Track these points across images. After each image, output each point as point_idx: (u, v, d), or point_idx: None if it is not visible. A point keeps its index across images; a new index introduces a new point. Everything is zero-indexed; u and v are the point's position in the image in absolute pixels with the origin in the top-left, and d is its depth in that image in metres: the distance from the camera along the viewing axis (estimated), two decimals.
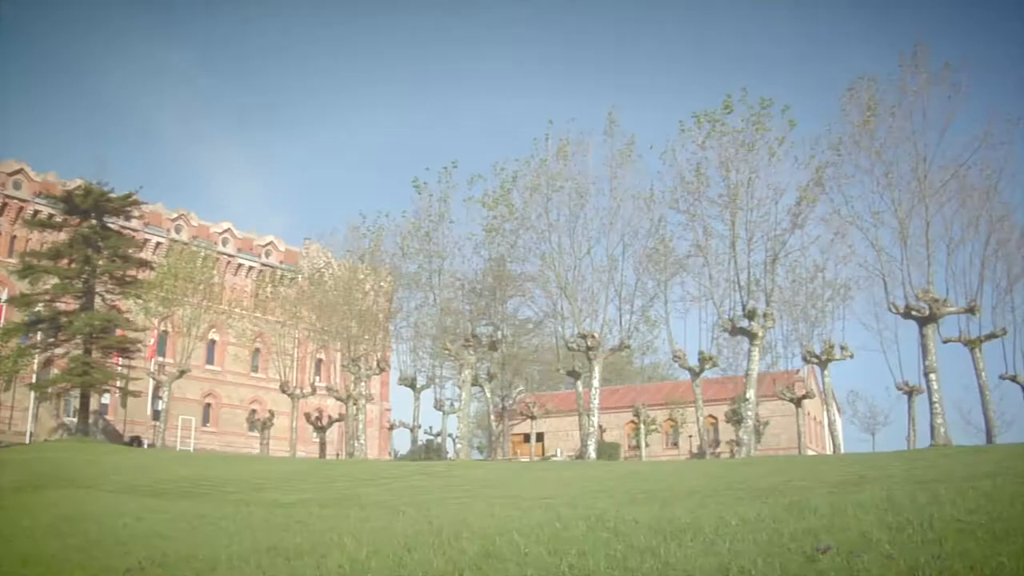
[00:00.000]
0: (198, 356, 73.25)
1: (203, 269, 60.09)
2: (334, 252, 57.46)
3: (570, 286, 39.08)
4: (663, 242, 39.45)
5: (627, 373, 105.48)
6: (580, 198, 39.05)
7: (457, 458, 41.90)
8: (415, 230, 47.10)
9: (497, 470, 27.12)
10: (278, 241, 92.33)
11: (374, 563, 9.83)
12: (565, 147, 39.50)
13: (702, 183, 36.46)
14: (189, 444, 70.27)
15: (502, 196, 41.71)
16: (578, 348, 39.21)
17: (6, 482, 27.59)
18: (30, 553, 13.24)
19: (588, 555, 9.06)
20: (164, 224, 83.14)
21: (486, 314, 50.78)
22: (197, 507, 18.78)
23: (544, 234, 40.10)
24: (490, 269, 48.21)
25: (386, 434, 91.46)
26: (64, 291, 55.48)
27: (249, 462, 37.36)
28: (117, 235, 58.85)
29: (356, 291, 54.38)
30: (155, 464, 34.07)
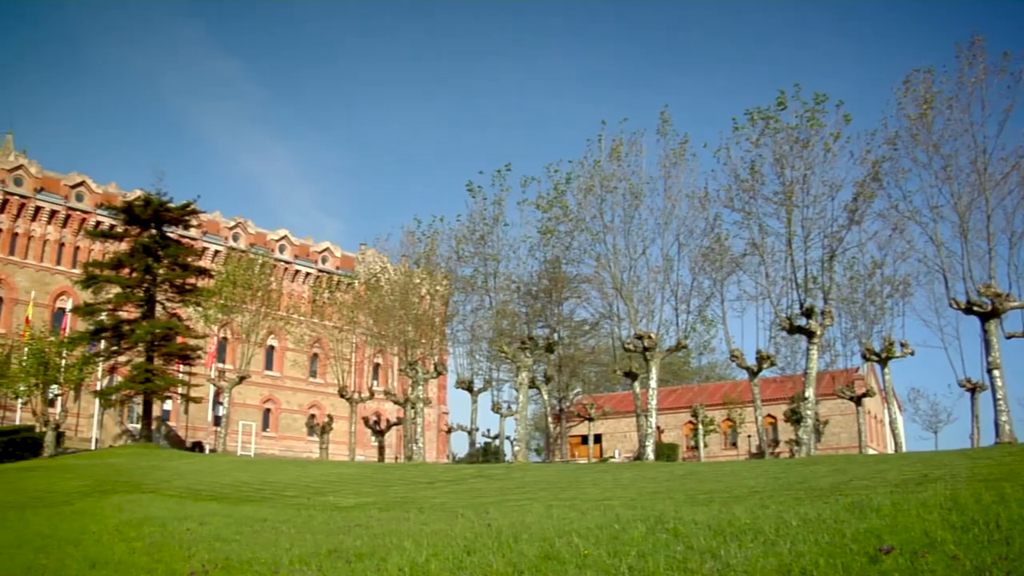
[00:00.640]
0: (257, 362, 74.13)
1: (261, 276, 60.71)
2: (390, 257, 57.71)
3: (626, 287, 38.88)
4: (719, 241, 39.14)
5: (684, 373, 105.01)
6: (634, 198, 38.83)
7: (515, 460, 41.83)
8: (470, 233, 47.12)
9: (555, 472, 27.08)
10: (334, 247, 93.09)
11: (434, 566, 9.85)
12: (618, 147, 39.29)
13: (757, 181, 36.12)
14: (249, 449, 71.05)
15: (556, 198, 41.60)
16: (635, 349, 39.01)
17: (73, 487, 28.08)
18: (98, 557, 13.44)
19: (648, 557, 9.02)
20: (222, 232, 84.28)
21: (542, 316, 50.79)
22: (258, 511, 18.95)
23: (599, 235, 39.93)
24: (545, 271, 48.19)
25: (444, 437, 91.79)
26: (126, 300, 56.34)
27: (308, 466, 37.63)
28: (176, 244, 59.64)
29: (412, 295, 54.59)
30: (217, 469, 34.43)
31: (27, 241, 74.51)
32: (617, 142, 39.41)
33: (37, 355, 48.60)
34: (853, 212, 35.28)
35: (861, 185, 35.02)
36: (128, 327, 56.07)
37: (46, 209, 75.44)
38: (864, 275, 44.42)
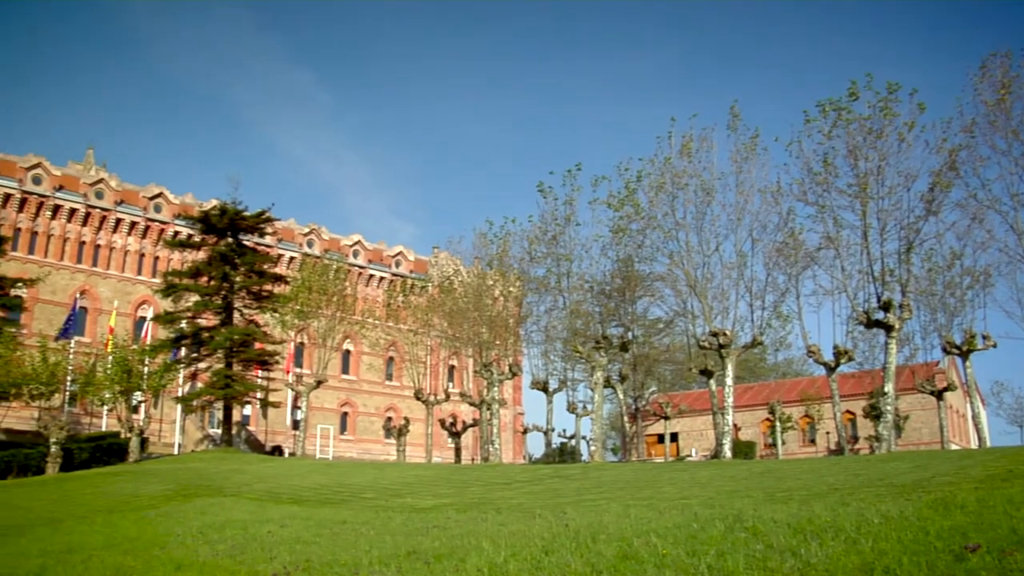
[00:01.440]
0: (334, 366, 74.97)
1: (335, 281, 61.22)
2: (463, 259, 57.91)
3: (699, 284, 38.59)
4: (793, 235, 38.63)
5: (760, 370, 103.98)
6: (706, 195, 38.53)
7: (591, 460, 41.74)
8: (542, 234, 47.11)
9: (632, 471, 26.98)
10: (407, 251, 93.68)
11: (512, 566, 9.90)
12: (689, 144, 39.01)
13: (830, 173, 35.58)
14: (328, 452, 71.80)
15: (628, 196, 41.41)
16: (710, 346, 38.71)
17: (158, 491, 28.63)
18: (183, 559, 13.72)
19: (727, 556, 8.98)
20: (296, 239, 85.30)
21: (616, 315, 50.57)
22: (338, 513, 19.16)
23: (671, 233, 39.67)
24: (618, 270, 48.00)
25: (520, 438, 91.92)
26: (205, 307, 57.30)
27: (386, 469, 37.94)
28: (252, 252, 60.46)
29: (486, 297, 54.72)
30: (296, 472, 34.84)
31: (109, 252, 76.21)
32: (687, 138, 39.15)
33: (121, 363, 49.53)
34: (930, 202, 34.61)
35: (938, 174, 34.33)
36: (207, 334, 57.02)
37: (126, 221, 77.06)
38: (943, 266, 43.53)
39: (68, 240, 74.18)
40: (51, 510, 26.00)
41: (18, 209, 71.91)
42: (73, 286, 73.02)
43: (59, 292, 71.64)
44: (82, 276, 74.04)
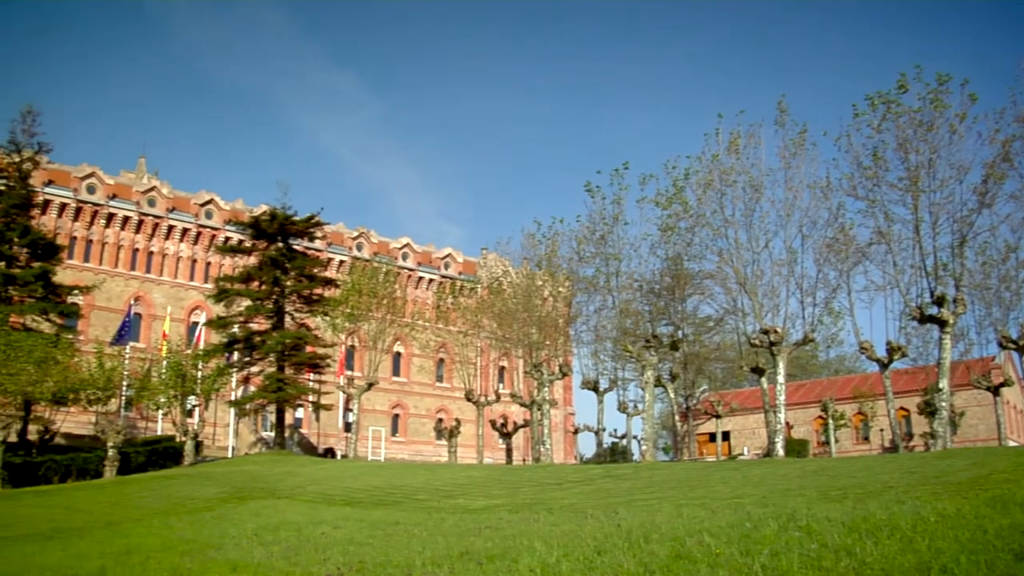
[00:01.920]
0: (384, 368, 75.30)
1: (385, 284, 61.53)
2: (511, 260, 57.96)
3: (749, 281, 38.36)
4: (843, 231, 38.25)
5: (812, 367, 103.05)
6: (755, 191, 38.29)
7: (643, 460, 41.60)
8: (590, 234, 47.04)
9: (684, 471, 26.89)
10: (456, 253, 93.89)
11: (564, 566, 9.90)
12: (736, 140, 38.81)
13: (880, 167, 35.19)
14: (379, 454, 72.15)
15: (675, 194, 41.27)
16: (761, 344, 38.46)
17: (213, 494, 28.94)
18: (238, 560, 13.86)
19: (781, 555, 8.93)
20: (346, 243, 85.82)
21: (666, 314, 50.36)
22: (390, 514, 19.27)
23: (720, 230, 39.48)
24: (667, 268, 47.79)
25: (571, 438, 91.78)
26: (256, 312, 57.83)
27: (438, 470, 38.10)
28: (302, 256, 60.91)
29: (535, 297, 54.73)
30: (349, 474, 35.05)
31: (162, 259, 77.19)
32: (735, 135, 38.97)
33: (175, 368, 50.08)
34: (983, 195, 34.08)
35: (991, 166, 33.82)
36: (259, 338, 57.53)
37: (178, 227, 78.00)
38: (997, 260, 42.90)
39: (122, 247, 75.25)
40: (109, 513, 26.39)
41: (73, 218, 73.12)
42: (127, 293, 74.03)
43: (114, 299, 72.65)
44: (136, 283, 75.07)
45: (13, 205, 52.91)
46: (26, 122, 53.82)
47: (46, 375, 44.25)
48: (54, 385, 44.73)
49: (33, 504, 31.54)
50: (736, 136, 38.82)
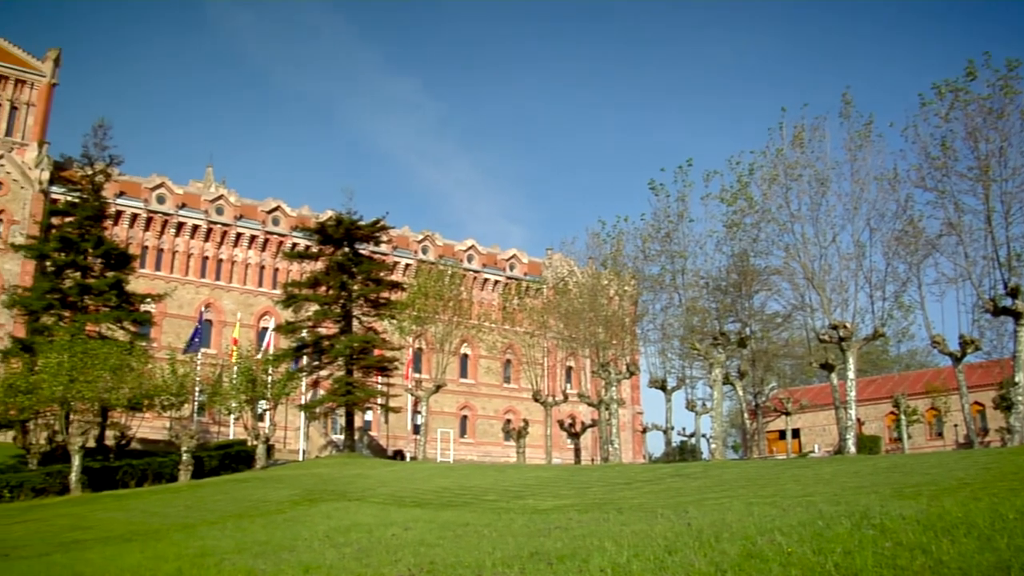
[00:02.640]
0: (452, 370, 75.57)
1: (451, 286, 61.76)
2: (576, 260, 57.85)
3: (817, 276, 37.86)
4: (912, 223, 37.56)
5: (883, 363, 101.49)
6: (821, 185, 37.78)
7: (712, 458, 41.28)
8: (655, 232, 46.76)
9: (754, 469, 26.64)
10: (520, 254, 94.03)
11: (635, 566, 9.88)
12: (800, 134, 38.33)
13: (949, 157, 34.53)
14: (448, 455, 72.42)
15: (740, 190, 40.89)
16: (830, 339, 37.96)
17: (284, 496, 29.26)
18: (310, 562, 14.00)
19: (854, 554, 8.82)
20: (411, 246, 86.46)
21: (733, 311, 49.92)
22: (460, 516, 19.33)
23: (786, 225, 39.01)
24: (733, 265, 47.35)
25: (639, 437, 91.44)
26: (324, 316, 58.49)
27: (506, 471, 38.12)
28: (369, 260, 61.46)
29: (601, 297, 54.58)
30: (418, 476, 35.22)
31: (231, 266, 78.38)
32: (799, 128, 38.49)
33: (245, 373, 50.74)
34: None
35: None
36: (328, 342, 58.15)
37: (246, 235, 79.16)
38: None
39: (192, 256, 76.57)
40: (184, 516, 26.84)
41: (144, 228, 74.56)
42: (198, 300, 75.28)
43: (185, 306, 73.91)
44: (206, 290, 76.31)
45: (87, 217, 54.05)
46: (98, 136, 54.96)
47: (121, 382, 45.16)
48: (129, 392, 45.62)
49: (112, 507, 32.21)
50: (800, 130, 38.37)
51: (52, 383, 43.24)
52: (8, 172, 69.88)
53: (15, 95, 72.39)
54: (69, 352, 44.64)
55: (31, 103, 72.95)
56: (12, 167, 70.01)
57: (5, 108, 71.86)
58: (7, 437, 52.73)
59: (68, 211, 55.93)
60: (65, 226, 54.87)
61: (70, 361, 43.91)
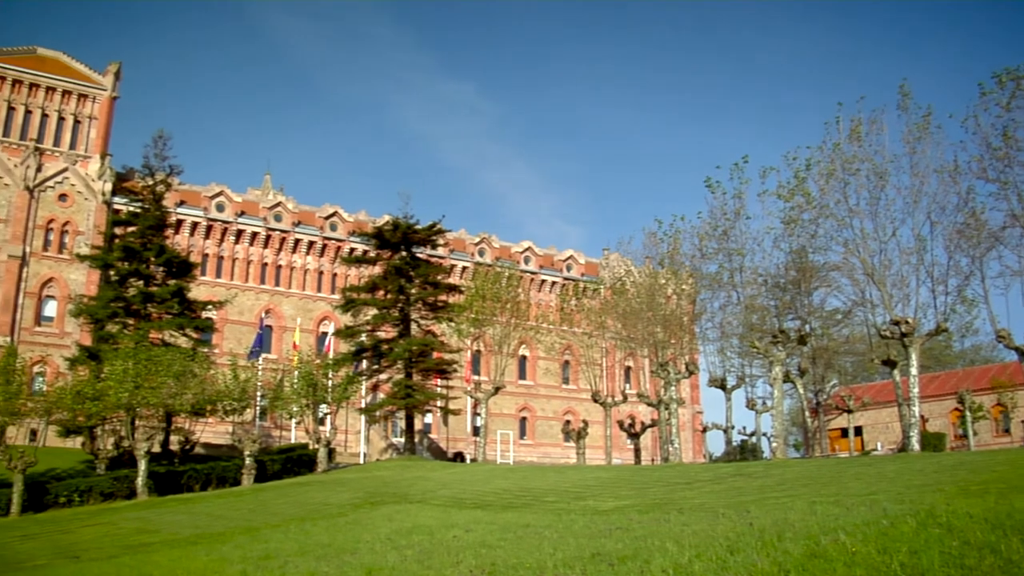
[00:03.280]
0: (511, 372, 75.65)
1: (508, 288, 61.88)
2: (633, 260, 57.63)
3: (877, 271, 37.38)
4: (974, 215, 36.91)
5: (947, 358, 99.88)
6: (879, 179, 37.29)
7: (773, 457, 40.93)
8: (712, 230, 46.45)
9: (816, 467, 26.37)
10: (577, 255, 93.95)
11: (697, 567, 9.83)
12: (858, 127, 37.87)
13: (1012, 147, 33.87)
14: (508, 457, 72.56)
15: (797, 186, 40.48)
16: (892, 335, 37.47)
17: (346, 499, 29.47)
18: (373, 564, 14.08)
19: (920, 553, 8.72)
20: (468, 249, 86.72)
21: (792, 308, 49.48)
22: (521, 517, 19.34)
23: (845, 220, 38.56)
24: (792, 262, 46.92)
25: (699, 437, 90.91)
26: (383, 320, 58.84)
27: (566, 472, 38.06)
28: (426, 264, 61.73)
29: (659, 296, 54.30)
30: (478, 478, 35.26)
31: (290, 272, 79.24)
32: (856, 122, 38.04)
33: (306, 377, 51.14)
34: None
35: None
36: (387, 346, 58.51)
37: (304, 241, 79.97)
38: None
39: (251, 262, 77.51)
40: (248, 519, 27.14)
41: (205, 236, 75.66)
42: (258, 306, 76.18)
43: (246, 312, 74.84)
44: (266, 296, 77.20)
45: (149, 226, 54.91)
46: (158, 147, 55.83)
47: (185, 388, 45.78)
48: (192, 397, 46.24)
49: (177, 511, 32.67)
50: (857, 123, 37.91)
51: (118, 390, 44.00)
52: (73, 184, 71.44)
53: (78, 109, 73.87)
54: (134, 359, 45.36)
55: (93, 116, 74.35)
56: (76, 179, 71.55)
57: (69, 122, 73.38)
58: (76, 443, 53.64)
59: (131, 221, 56.90)
60: (128, 236, 55.79)
61: (135, 368, 44.62)
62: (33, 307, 68.00)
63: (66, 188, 71.28)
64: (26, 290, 67.81)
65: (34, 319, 67.92)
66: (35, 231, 69.40)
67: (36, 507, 39.55)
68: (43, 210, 70.08)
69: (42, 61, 73.97)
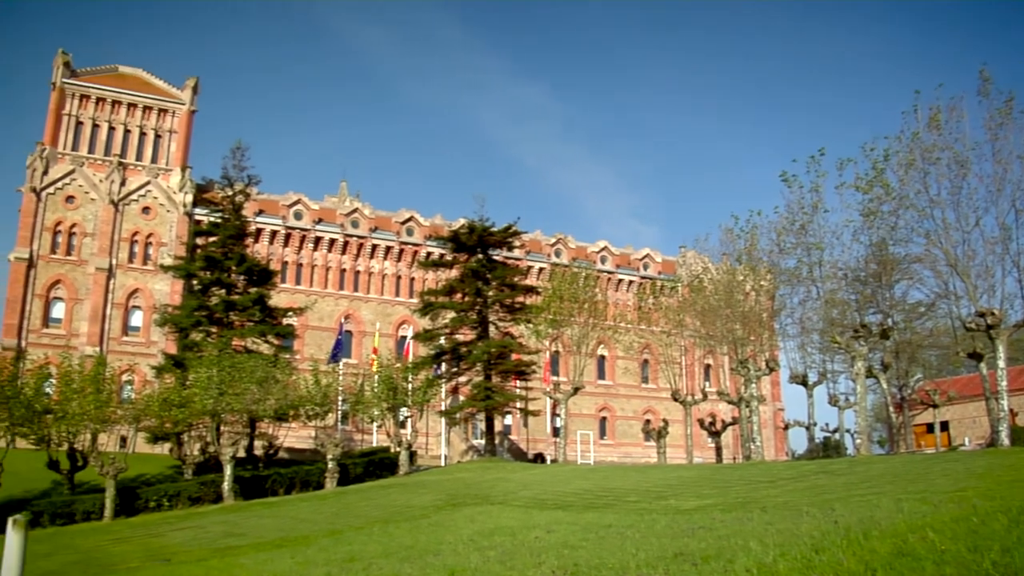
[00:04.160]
0: (590, 372, 75.59)
1: (585, 288, 61.85)
2: (710, 257, 57.19)
3: (961, 262, 36.59)
4: None
5: None
6: (960, 167, 36.50)
7: (857, 454, 40.31)
8: (789, 224, 45.84)
9: (901, 464, 25.91)
10: (654, 253, 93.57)
11: (782, 566, 9.74)
12: (937, 116, 37.10)
13: None
14: (588, 457, 72.49)
15: (876, 177, 39.80)
16: (977, 328, 36.65)
17: (428, 501, 29.68)
18: (456, 565, 14.15)
19: (1013, 552, 8.54)
20: (544, 250, 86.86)
21: (873, 302, 48.73)
22: (602, 517, 19.30)
23: (925, 211, 37.80)
24: (872, 255, 46.17)
25: (781, 434, 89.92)
26: (461, 323, 59.18)
27: (647, 471, 37.89)
28: (502, 266, 61.93)
29: (737, 293, 53.82)
30: (559, 478, 35.24)
31: (368, 277, 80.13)
32: (935, 110, 37.28)
33: (386, 381, 51.45)
34: None
35: None
36: (465, 348, 58.81)
37: (381, 246, 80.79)
38: None
39: (330, 269, 78.55)
40: (332, 522, 27.48)
41: (284, 244, 76.88)
42: (338, 311, 77.13)
43: (326, 318, 75.81)
44: (345, 301, 78.14)
45: (229, 236, 55.87)
46: (236, 157, 56.81)
47: (268, 394, 46.46)
48: (275, 403, 46.90)
49: (263, 515, 33.18)
50: (936, 111, 37.15)
51: (203, 396, 44.89)
52: (155, 197, 73.17)
53: (159, 124, 75.63)
54: (218, 366, 46.21)
55: (173, 130, 76.02)
56: (159, 192, 73.28)
57: (150, 137, 75.17)
58: (164, 449, 54.76)
59: (211, 231, 57.96)
60: (209, 246, 56.86)
61: (219, 375, 45.45)
62: (120, 317, 69.79)
63: (149, 201, 73.03)
64: (113, 301, 69.63)
65: (121, 329, 69.69)
66: (120, 244, 71.26)
67: (128, 511, 40.51)
68: (127, 223, 71.88)
69: (123, 79, 75.95)
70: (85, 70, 74.26)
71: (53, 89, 72.41)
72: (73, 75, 73.40)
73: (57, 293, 68.78)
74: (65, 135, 72.05)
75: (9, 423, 42.38)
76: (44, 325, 67.57)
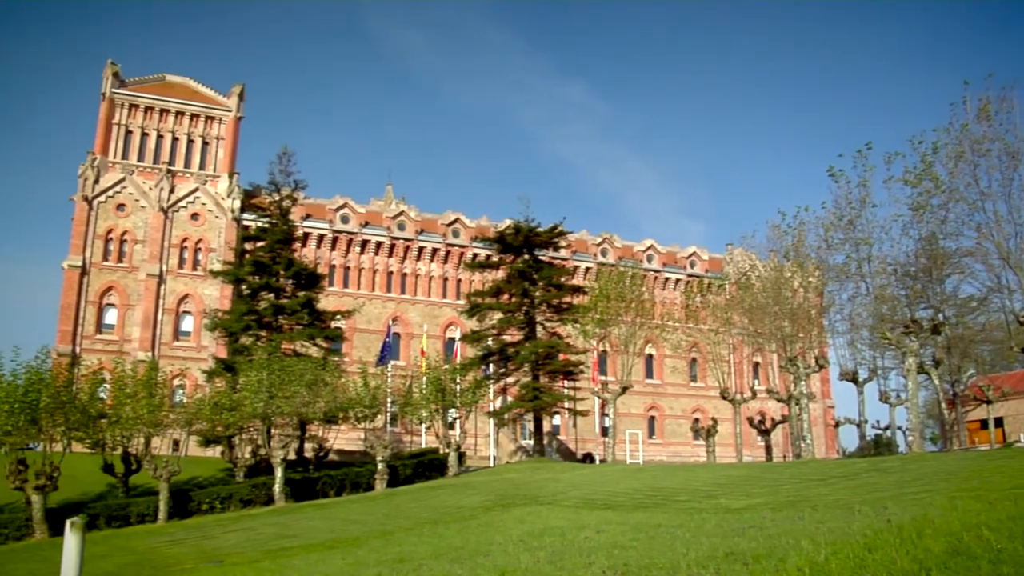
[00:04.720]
0: (637, 371, 75.42)
1: (632, 287, 61.69)
2: (758, 254, 56.85)
3: (1013, 255, 36.09)
4: None
5: None
6: (1011, 159, 35.99)
7: (909, 451, 39.90)
8: (837, 220, 45.44)
9: (955, 461, 25.59)
10: (700, 251, 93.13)
11: (834, 565, 9.68)
12: (986, 106, 36.60)
13: None
14: (637, 457, 72.21)
15: (925, 170, 39.33)
16: None
17: (477, 502, 29.74)
18: (506, 566, 14.17)
19: None
20: (590, 250, 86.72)
21: (924, 297, 48.17)
22: (652, 517, 19.26)
23: (976, 204, 37.32)
24: (922, 249, 45.63)
25: (832, 432, 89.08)
26: (508, 324, 59.22)
27: (697, 470, 37.74)
28: (549, 266, 61.95)
29: (785, 290, 53.45)
30: (608, 478, 35.18)
31: (415, 279, 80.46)
32: (984, 101, 36.79)
33: (435, 383, 51.57)
34: None
35: None
36: (513, 349, 58.85)
37: (428, 248, 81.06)
38: None
39: (377, 271, 78.96)
40: (382, 523, 27.62)
41: (331, 247, 77.39)
42: (385, 314, 77.52)
43: (373, 320, 76.21)
44: (392, 304, 78.52)
45: (277, 240, 56.31)
46: (282, 163, 57.20)
47: (317, 396, 46.75)
48: (325, 405, 47.19)
49: (313, 516, 33.42)
50: (986, 102, 36.65)
51: (253, 400, 45.29)
52: (204, 203, 74.05)
53: (206, 131, 76.52)
54: (268, 370, 46.57)
55: (220, 137, 76.84)
56: (207, 198, 74.13)
57: (198, 144, 76.08)
58: (215, 452, 55.24)
59: (259, 236, 58.41)
60: (257, 250, 57.30)
61: (269, 378, 45.81)
62: (171, 323, 70.70)
63: (197, 207, 73.92)
64: (164, 307, 70.56)
65: (172, 334, 70.58)
66: (170, 250, 72.18)
67: (181, 514, 40.92)
68: (177, 229, 72.80)
69: (170, 87, 76.93)
70: (133, 80, 75.30)
71: (103, 99, 73.47)
72: (122, 85, 74.43)
73: (110, 300, 69.82)
74: (115, 144, 73.09)
75: (65, 427, 42.88)
76: (97, 331, 68.63)
